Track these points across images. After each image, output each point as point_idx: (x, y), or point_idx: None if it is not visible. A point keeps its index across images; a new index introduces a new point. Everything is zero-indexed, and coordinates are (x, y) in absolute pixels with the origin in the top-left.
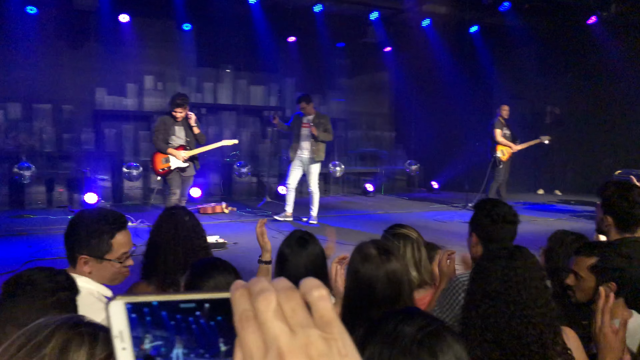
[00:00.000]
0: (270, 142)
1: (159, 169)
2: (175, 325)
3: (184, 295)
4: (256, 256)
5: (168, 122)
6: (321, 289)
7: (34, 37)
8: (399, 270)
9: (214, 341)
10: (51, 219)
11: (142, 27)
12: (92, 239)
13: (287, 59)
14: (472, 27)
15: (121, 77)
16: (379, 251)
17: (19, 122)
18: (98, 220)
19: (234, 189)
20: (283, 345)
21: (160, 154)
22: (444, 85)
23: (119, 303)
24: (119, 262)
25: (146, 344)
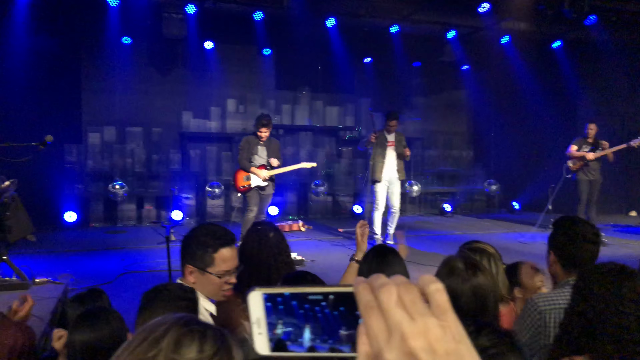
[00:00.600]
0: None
1: (240, 186)
2: (304, 313)
3: (312, 288)
4: (333, 274)
5: (252, 141)
6: (437, 283)
7: (127, 65)
8: (485, 285)
9: (336, 328)
10: (141, 234)
11: (226, 53)
12: (198, 251)
13: (363, 80)
14: (554, 42)
15: (206, 101)
16: (466, 265)
17: (113, 144)
18: (206, 233)
19: (310, 208)
20: (405, 329)
21: (242, 171)
22: (525, 102)
23: (257, 294)
24: (218, 277)
25: (278, 330)
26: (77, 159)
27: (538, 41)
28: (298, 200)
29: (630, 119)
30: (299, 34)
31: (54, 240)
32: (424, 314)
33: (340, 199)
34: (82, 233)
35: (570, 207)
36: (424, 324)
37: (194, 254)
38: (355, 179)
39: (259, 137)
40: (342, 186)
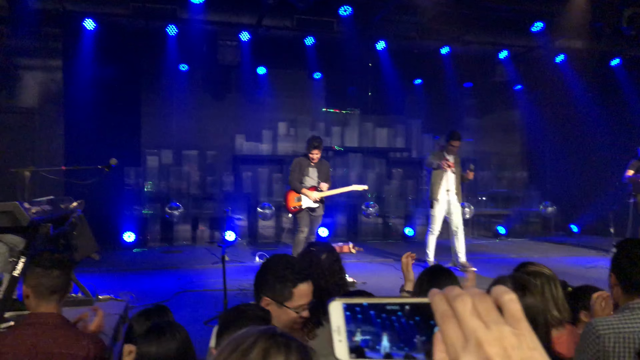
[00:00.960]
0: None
1: (291, 207)
2: (381, 322)
3: (389, 299)
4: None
5: (303, 163)
6: (511, 294)
7: (184, 91)
8: (533, 306)
9: (411, 337)
10: (196, 254)
11: (277, 77)
12: (277, 284)
13: (413, 101)
14: (613, 60)
15: (258, 124)
16: (514, 286)
17: (170, 167)
18: (285, 267)
19: (360, 230)
20: (481, 336)
21: (293, 192)
22: (582, 122)
23: (338, 303)
24: (295, 312)
25: (357, 337)
26: (135, 181)
27: (595, 59)
28: (348, 221)
29: None
30: (349, 57)
31: (114, 259)
32: (499, 322)
33: (391, 221)
34: (140, 253)
35: (634, 230)
36: (499, 331)
37: (272, 287)
38: (406, 201)
39: (310, 158)
40: (393, 208)
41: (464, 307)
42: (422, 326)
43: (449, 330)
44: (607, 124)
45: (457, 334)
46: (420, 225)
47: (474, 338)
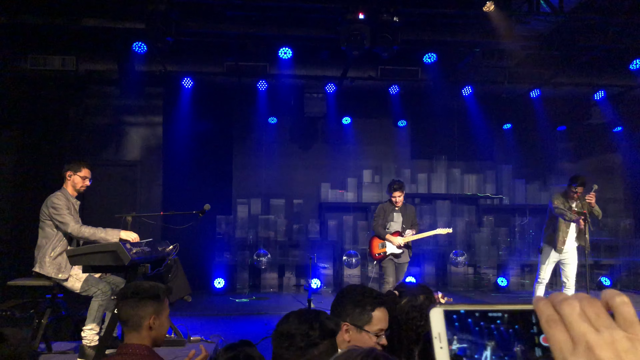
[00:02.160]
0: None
1: (376, 254)
2: (479, 330)
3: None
4: None
5: (387, 208)
6: (623, 296)
7: (272, 142)
8: None
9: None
10: (282, 301)
11: (362, 126)
12: (356, 308)
13: (502, 146)
14: None
15: (343, 172)
16: None
17: (259, 216)
18: (363, 292)
19: (449, 279)
20: (591, 340)
21: (378, 239)
22: None
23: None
24: (375, 336)
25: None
26: (226, 229)
27: None
28: (437, 271)
29: None
30: (433, 104)
31: (204, 303)
32: (610, 326)
33: (482, 270)
34: (229, 298)
35: None
36: (611, 335)
37: (351, 312)
38: (498, 250)
39: (393, 203)
40: (484, 257)
41: (571, 310)
42: (522, 335)
43: (556, 334)
44: None
45: (564, 338)
46: (514, 275)
47: (583, 342)
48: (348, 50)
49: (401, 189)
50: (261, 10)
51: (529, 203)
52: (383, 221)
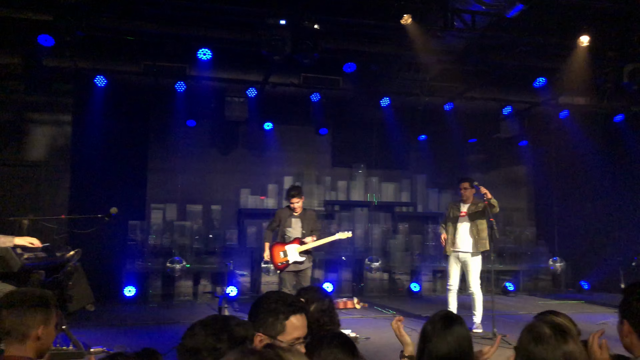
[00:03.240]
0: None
1: (278, 263)
2: None
3: None
4: (389, 352)
5: (284, 214)
6: None
7: (190, 146)
8: (576, 352)
9: None
10: (196, 309)
11: (283, 133)
12: (269, 318)
13: (418, 156)
14: (616, 116)
15: (263, 178)
16: (553, 331)
17: (174, 222)
18: (277, 300)
19: (366, 286)
20: None
21: (278, 247)
22: (589, 177)
23: None
24: (290, 346)
25: None
26: (139, 235)
27: (598, 115)
28: (353, 277)
29: None
30: (354, 113)
31: (112, 313)
32: None
33: (396, 276)
34: (139, 307)
35: None
36: None
37: (264, 322)
38: (412, 256)
39: (291, 209)
40: (399, 263)
41: None
42: None
43: None
44: (614, 179)
45: None
46: (427, 281)
47: None
48: (269, 55)
49: (299, 195)
50: (180, 10)
51: (441, 211)
52: (281, 227)
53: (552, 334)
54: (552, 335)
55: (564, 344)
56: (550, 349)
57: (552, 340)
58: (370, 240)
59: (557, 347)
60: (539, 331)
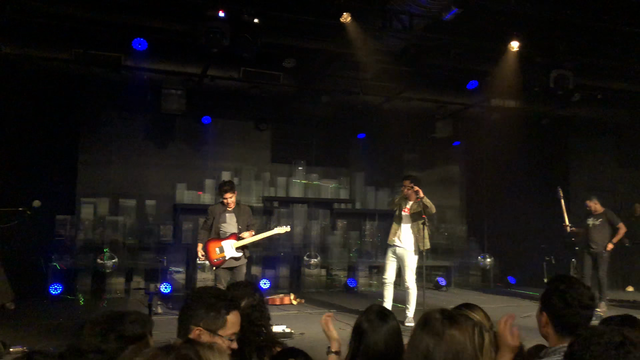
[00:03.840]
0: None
1: (214, 259)
2: None
3: None
4: (323, 347)
5: (217, 210)
6: None
7: (124, 138)
8: (460, 338)
9: None
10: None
11: (222, 127)
12: (210, 312)
13: (357, 154)
14: (543, 119)
15: (200, 173)
16: (442, 316)
17: (106, 216)
18: (217, 295)
19: (303, 281)
20: None
21: (214, 243)
22: (517, 178)
23: None
24: (229, 340)
25: None
26: (68, 230)
27: (527, 118)
28: (291, 273)
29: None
30: (294, 109)
31: (36, 311)
32: None
33: (334, 272)
34: (66, 305)
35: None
36: None
37: (204, 316)
38: (349, 253)
39: (224, 204)
40: (336, 259)
41: None
42: None
43: None
44: (540, 179)
45: None
46: (363, 277)
47: None
48: (207, 48)
49: (232, 189)
50: None
51: (378, 209)
52: (215, 223)
53: (439, 319)
54: (439, 320)
55: (449, 329)
56: (435, 333)
57: (438, 324)
58: (308, 236)
59: (442, 332)
60: (428, 316)
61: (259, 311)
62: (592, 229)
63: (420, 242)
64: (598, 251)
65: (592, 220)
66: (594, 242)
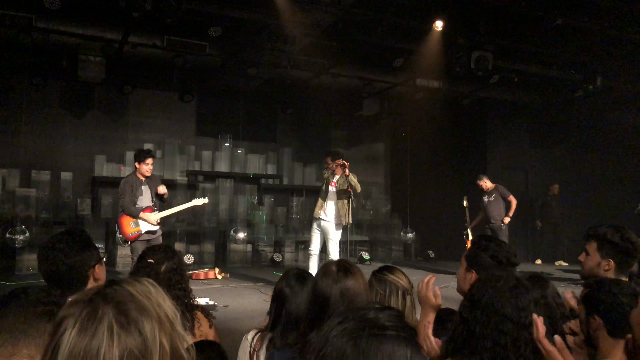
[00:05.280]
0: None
1: (129, 234)
2: None
3: None
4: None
5: (134, 182)
6: None
7: (37, 106)
8: (353, 287)
9: None
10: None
11: (145, 98)
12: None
13: (284, 129)
14: (464, 99)
15: (121, 145)
16: (338, 268)
17: (17, 189)
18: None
19: (228, 256)
20: None
21: (128, 218)
22: (438, 156)
23: None
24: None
25: None
26: None
27: (449, 98)
28: (216, 248)
29: (533, 175)
30: (221, 81)
31: None
32: None
33: (260, 247)
34: None
35: None
36: None
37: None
38: (275, 228)
39: (138, 176)
40: (263, 234)
41: None
42: None
43: None
44: (459, 158)
45: None
46: (290, 252)
47: None
48: (128, 11)
49: (151, 157)
50: None
51: (306, 184)
52: (132, 197)
53: (335, 270)
54: (335, 271)
55: (343, 279)
56: (331, 282)
57: (334, 275)
58: (234, 212)
59: (337, 282)
60: (326, 268)
61: (179, 274)
62: (487, 205)
63: (344, 217)
64: (497, 225)
65: (486, 197)
66: (492, 216)
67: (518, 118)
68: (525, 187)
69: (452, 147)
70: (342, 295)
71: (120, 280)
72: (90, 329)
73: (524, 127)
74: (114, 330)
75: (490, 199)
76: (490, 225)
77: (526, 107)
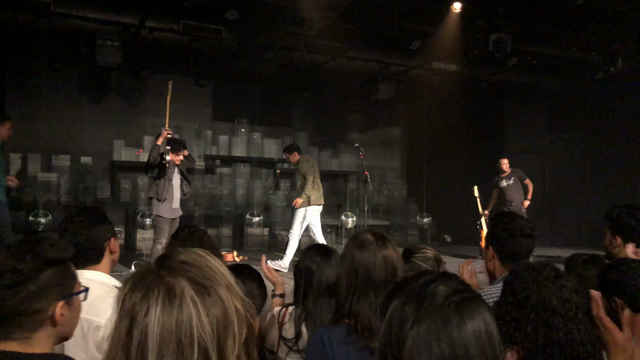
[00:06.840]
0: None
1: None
2: None
3: None
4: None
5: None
6: None
7: (56, 91)
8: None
9: None
10: None
11: (162, 82)
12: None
13: (300, 114)
14: (482, 82)
15: (139, 130)
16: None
17: (38, 173)
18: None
19: (246, 240)
20: None
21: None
22: (455, 140)
23: None
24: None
25: None
26: None
27: (467, 81)
28: (233, 232)
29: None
30: (237, 66)
31: None
32: None
33: (277, 232)
34: None
35: None
36: None
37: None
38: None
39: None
40: (279, 218)
41: None
42: None
43: None
44: (476, 141)
45: None
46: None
47: None
48: None
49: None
50: None
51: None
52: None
53: (373, 241)
54: (373, 242)
55: (383, 249)
56: (372, 253)
57: (373, 246)
58: (251, 196)
59: (378, 251)
60: (362, 239)
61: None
62: (507, 189)
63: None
64: (517, 208)
65: (504, 181)
66: (512, 200)
67: (536, 101)
68: (542, 171)
69: (469, 131)
70: (385, 263)
71: (173, 254)
72: (175, 304)
73: (542, 111)
74: (197, 301)
75: (509, 182)
76: (510, 209)
77: (544, 91)
